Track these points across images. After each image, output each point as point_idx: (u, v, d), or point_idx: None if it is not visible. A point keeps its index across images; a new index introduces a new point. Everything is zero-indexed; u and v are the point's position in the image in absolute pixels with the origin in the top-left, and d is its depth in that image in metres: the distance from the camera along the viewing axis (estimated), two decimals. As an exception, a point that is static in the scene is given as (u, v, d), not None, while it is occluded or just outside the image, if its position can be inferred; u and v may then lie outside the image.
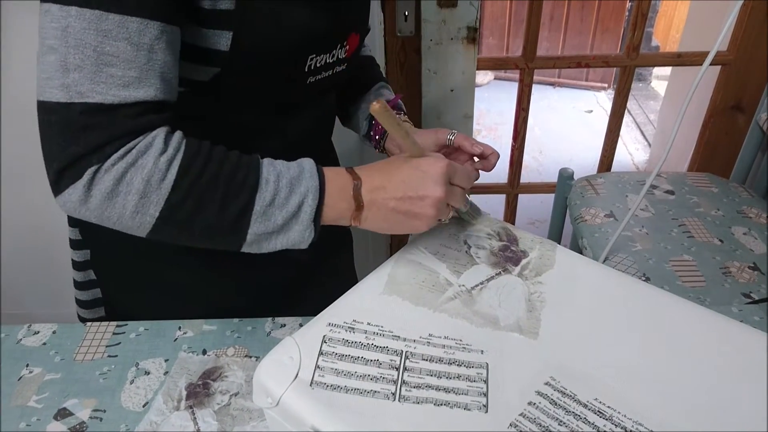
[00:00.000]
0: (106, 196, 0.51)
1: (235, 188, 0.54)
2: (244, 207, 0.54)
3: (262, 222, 0.55)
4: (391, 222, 0.59)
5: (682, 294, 1.04)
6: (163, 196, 0.52)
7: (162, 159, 0.52)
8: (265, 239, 0.57)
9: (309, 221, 0.56)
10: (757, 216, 1.33)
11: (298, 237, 0.57)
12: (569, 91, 3.78)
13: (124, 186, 0.51)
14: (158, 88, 0.53)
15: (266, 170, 0.56)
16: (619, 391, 0.50)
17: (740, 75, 1.50)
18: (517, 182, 1.77)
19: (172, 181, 0.52)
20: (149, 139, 0.52)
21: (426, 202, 0.58)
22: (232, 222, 0.55)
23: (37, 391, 0.68)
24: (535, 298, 0.59)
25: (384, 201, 0.58)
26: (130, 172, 0.51)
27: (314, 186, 0.57)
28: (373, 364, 0.52)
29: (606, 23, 3.58)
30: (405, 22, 1.37)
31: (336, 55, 0.69)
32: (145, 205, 0.52)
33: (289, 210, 0.56)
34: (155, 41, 0.51)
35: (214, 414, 0.65)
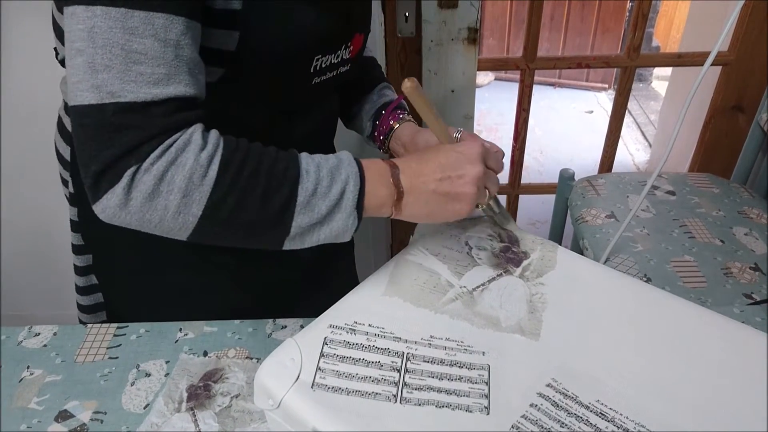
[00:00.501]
0: (147, 197, 0.50)
1: (276, 181, 0.54)
2: (288, 199, 0.54)
3: (306, 213, 0.54)
4: (432, 206, 0.59)
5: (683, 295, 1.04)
6: (206, 193, 0.51)
7: (203, 155, 0.51)
8: (309, 231, 0.56)
9: (352, 208, 0.56)
10: (758, 216, 1.33)
11: (342, 225, 0.56)
12: (570, 92, 3.77)
13: (165, 185, 0.50)
14: (188, 83, 0.52)
15: (305, 162, 0.56)
16: (621, 393, 0.50)
17: (741, 75, 1.50)
18: (517, 183, 1.77)
19: (214, 177, 0.51)
20: (187, 136, 0.52)
21: (465, 179, 0.58)
22: (275, 215, 0.54)
23: (37, 393, 0.68)
24: (536, 299, 0.59)
25: (424, 184, 0.58)
26: (171, 170, 0.50)
27: (354, 172, 0.56)
28: (374, 365, 0.52)
29: (606, 24, 3.58)
30: (405, 22, 1.37)
31: (341, 55, 0.69)
32: (188, 204, 0.51)
33: (332, 198, 0.55)
34: (181, 37, 0.51)
35: (215, 416, 0.64)
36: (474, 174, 0.58)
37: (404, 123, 0.81)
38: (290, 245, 0.57)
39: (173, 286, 0.79)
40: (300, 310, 0.77)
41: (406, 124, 0.81)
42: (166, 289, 0.79)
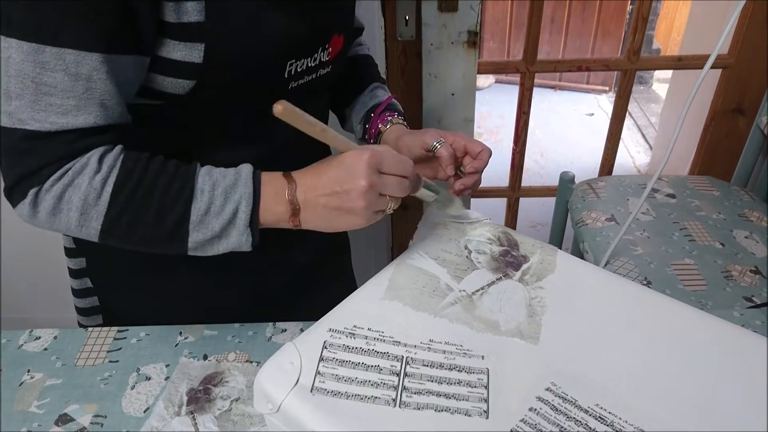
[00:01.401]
0: (50, 213, 0.56)
1: (170, 201, 0.57)
2: (181, 218, 0.57)
3: (200, 230, 0.58)
4: (327, 220, 0.60)
5: (683, 298, 1.04)
6: (101, 212, 0.56)
7: (97, 178, 0.56)
8: (208, 245, 0.59)
9: (245, 226, 0.59)
10: (758, 219, 1.33)
11: (237, 241, 0.59)
12: (570, 95, 3.78)
13: (64, 204, 0.56)
14: (97, 115, 0.55)
15: (201, 180, 0.58)
16: (620, 397, 0.50)
17: (741, 78, 1.50)
18: (518, 186, 1.77)
19: (107, 199, 0.56)
20: (84, 160, 0.56)
21: (352, 195, 0.57)
22: (170, 232, 0.58)
23: (38, 397, 0.68)
24: (535, 303, 0.59)
25: (316, 199, 0.59)
26: (68, 192, 0.55)
27: (248, 192, 0.59)
28: (373, 369, 0.52)
29: (607, 26, 3.59)
30: (406, 26, 1.37)
31: (318, 58, 0.68)
32: (87, 219, 0.56)
33: (224, 217, 0.58)
34: (94, 72, 0.53)
35: (215, 419, 0.64)
36: (359, 188, 0.57)
37: (391, 126, 0.80)
38: (193, 254, 0.60)
39: (166, 289, 0.79)
40: (299, 314, 0.77)
41: (393, 128, 0.80)
42: (161, 290, 0.79)
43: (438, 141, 0.72)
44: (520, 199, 1.83)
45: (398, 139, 0.77)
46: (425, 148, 0.73)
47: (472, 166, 0.73)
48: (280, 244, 0.73)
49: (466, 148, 0.74)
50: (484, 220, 0.70)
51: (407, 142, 0.75)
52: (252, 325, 0.77)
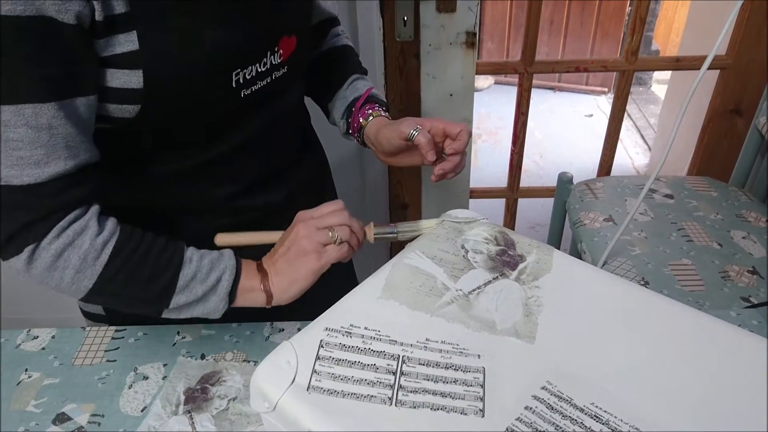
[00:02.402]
0: (45, 270, 0.58)
1: (161, 267, 0.62)
2: (170, 282, 0.62)
3: (184, 294, 0.63)
4: (288, 270, 0.66)
5: (680, 298, 1.04)
6: (97, 272, 0.60)
7: (98, 240, 0.60)
8: (185, 308, 0.64)
9: (225, 294, 0.64)
10: (756, 220, 1.33)
11: (214, 306, 0.65)
12: (569, 95, 3.78)
13: (62, 262, 0.58)
14: (66, 157, 0.57)
15: (190, 252, 0.65)
16: (616, 396, 0.50)
17: (739, 79, 1.51)
18: (516, 186, 1.78)
19: (105, 260, 0.60)
20: (84, 222, 0.59)
21: (298, 241, 0.66)
22: (157, 295, 0.62)
23: (35, 396, 0.68)
24: (532, 302, 0.59)
25: (276, 261, 0.67)
26: (68, 251, 0.58)
27: (232, 264, 0.65)
28: (370, 368, 0.52)
29: (606, 27, 3.59)
30: (404, 26, 1.37)
31: (268, 62, 0.68)
32: (81, 279, 0.59)
33: (208, 284, 0.64)
34: (53, 120, 0.55)
35: (213, 419, 0.65)
36: (298, 233, 0.66)
37: (372, 119, 0.80)
38: (166, 315, 0.65)
39: None
40: (297, 313, 0.78)
41: (374, 121, 0.80)
42: None
43: (415, 129, 0.73)
44: (519, 200, 1.83)
45: (378, 132, 0.78)
46: (403, 138, 0.73)
47: (451, 148, 0.74)
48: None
49: (445, 131, 0.74)
50: (480, 220, 0.70)
51: (386, 134, 0.76)
52: (249, 324, 0.77)
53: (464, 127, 0.74)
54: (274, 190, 0.79)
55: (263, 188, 0.78)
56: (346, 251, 0.67)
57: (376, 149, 0.80)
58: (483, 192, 1.80)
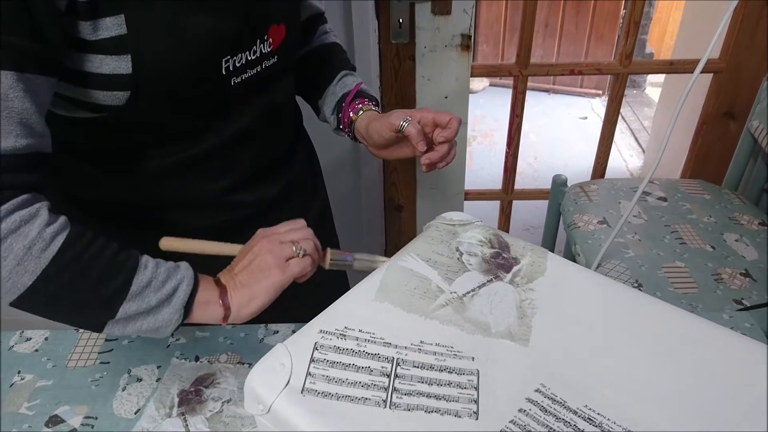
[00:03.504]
0: None
1: (115, 268, 0.57)
2: (122, 286, 0.57)
3: (135, 301, 0.57)
4: (249, 285, 0.62)
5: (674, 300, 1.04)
6: (41, 266, 0.53)
7: (48, 230, 0.54)
8: (133, 319, 0.58)
9: (181, 305, 0.59)
10: (748, 222, 1.34)
11: (166, 319, 0.59)
12: (564, 98, 3.79)
13: (3, 249, 0.52)
14: (18, 134, 0.53)
15: (146, 258, 0.60)
16: (609, 398, 0.50)
17: (732, 82, 1.52)
18: (511, 188, 1.78)
19: (53, 252, 0.54)
20: (34, 210, 0.54)
21: (259, 255, 0.63)
22: (106, 298, 0.56)
23: (28, 398, 0.68)
24: (526, 305, 0.60)
25: (235, 276, 0.63)
26: (11, 238, 0.52)
27: (190, 275, 0.61)
28: (364, 371, 0.52)
29: (600, 30, 3.60)
30: (399, 29, 1.37)
31: (258, 51, 0.68)
32: (20, 272, 0.53)
33: (163, 293, 0.59)
34: (9, 90, 0.51)
35: (206, 421, 0.64)
36: (259, 247, 0.63)
37: (362, 113, 0.81)
38: (109, 329, 0.58)
39: None
40: (291, 314, 0.78)
41: (364, 115, 0.80)
42: None
43: (405, 120, 0.73)
44: (514, 202, 1.84)
45: (368, 126, 0.78)
46: (393, 130, 0.74)
47: (442, 136, 0.74)
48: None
49: (435, 121, 0.74)
50: (475, 223, 0.71)
51: (376, 128, 0.76)
52: (243, 326, 0.77)
53: (453, 115, 0.74)
54: (267, 185, 0.80)
55: (257, 183, 0.78)
56: (309, 264, 0.65)
57: (368, 143, 0.80)
58: (477, 194, 1.81)
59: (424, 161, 0.75)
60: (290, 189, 0.83)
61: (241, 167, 0.75)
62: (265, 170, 0.79)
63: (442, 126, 0.74)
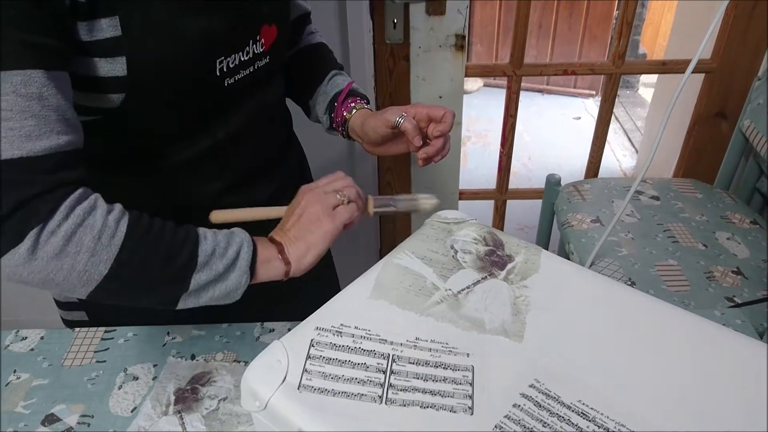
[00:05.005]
0: (54, 257, 0.52)
1: (179, 243, 0.59)
2: (189, 258, 0.59)
3: (205, 271, 0.59)
4: (304, 237, 0.65)
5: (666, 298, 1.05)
6: (113, 254, 0.55)
7: (110, 217, 0.55)
8: (204, 289, 0.60)
9: (246, 267, 0.62)
10: (740, 221, 1.35)
11: (235, 283, 0.61)
12: (558, 98, 3.80)
13: (73, 246, 0.53)
14: (60, 131, 0.53)
15: (202, 229, 0.62)
16: (603, 393, 0.51)
17: (723, 83, 1.53)
18: (505, 188, 1.79)
19: (122, 238, 0.55)
20: (92, 201, 0.55)
21: (307, 209, 0.66)
22: (177, 273, 0.58)
23: (24, 397, 0.68)
24: (520, 301, 0.60)
25: (288, 231, 0.66)
26: (80, 232, 0.53)
27: (247, 238, 0.63)
28: (360, 367, 0.52)
29: (593, 31, 3.62)
30: (394, 29, 1.38)
31: (251, 51, 0.69)
32: (95, 263, 0.54)
33: (228, 258, 0.61)
34: (43, 89, 0.52)
35: (203, 419, 0.65)
36: (308, 200, 0.67)
37: (356, 112, 0.81)
38: (184, 303, 0.61)
39: None
40: (279, 314, 0.78)
41: (357, 114, 0.81)
42: None
43: (400, 116, 0.74)
44: (508, 202, 1.84)
45: (363, 123, 0.79)
46: (389, 126, 0.75)
47: (437, 130, 0.75)
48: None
49: (429, 115, 0.75)
50: (469, 221, 0.71)
51: (371, 124, 0.77)
52: (240, 325, 0.77)
53: (447, 109, 0.75)
54: (260, 187, 0.80)
55: (249, 185, 0.78)
56: (355, 210, 0.68)
57: (363, 140, 0.81)
58: (472, 194, 1.81)
59: (421, 155, 0.75)
60: (283, 190, 0.84)
61: (233, 169, 0.76)
62: (258, 171, 0.79)
63: (436, 120, 0.75)
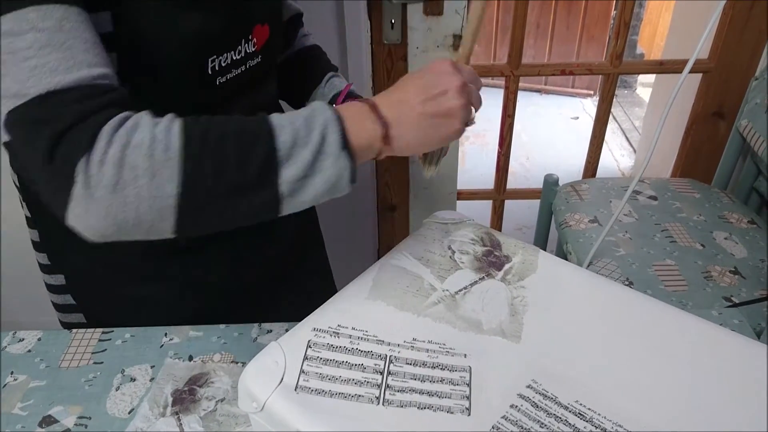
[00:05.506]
0: (111, 190, 0.46)
1: (250, 138, 0.51)
2: (267, 154, 0.50)
3: (290, 165, 0.51)
4: (424, 129, 0.57)
5: (664, 298, 1.05)
6: (175, 167, 0.47)
7: (158, 129, 0.49)
8: (301, 186, 0.52)
9: (339, 149, 0.52)
10: (737, 221, 1.35)
11: (334, 171, 0.52)
12: (555, 98, 3.81)
13: (128, 172, 0.46)
14: (90, 63, 0.49)
15: (276, 118, 0.53)
16: (600, 394, 0.51)
17: (721, 82, 1.53)
18: (503, 188, 1.79)
19: (178, 147, 0.48)
20: (135, 119, 0.49)
21: (449, 93, 0.57)
22: (258, 173, 0.50)
23: (22, 399, 0.68)
24: (517, 302, 0.60)
25: (409, 110, 0.56)
26: (129, 154, 0.47)
27: (331, 116, 0.54)
28: (357, 368, 0.52)
29: (591, 31, 3.62)
30: (392, 29, 1.38)
31: (243, 50, 0.68)
32: (161, 184, 0.47)
33: (313, 144, 0.52)
34: (62, 21, 0.48)
35: (200, 420, 0.65)
36: (456, 85, 0.56)
37: None
38: (289, 206, 0.53)
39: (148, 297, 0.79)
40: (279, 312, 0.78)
41: None
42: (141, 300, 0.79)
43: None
44: (506, 202, 1.84)
45: None
46: None
47: None
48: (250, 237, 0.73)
49: None
50: (467, 221, 0.71)
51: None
52: (237, 326, 0.77)
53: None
54: None
55: None
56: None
57: None
58: (470, 194, 1.81)
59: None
60: None
61: None
62: None
63: None
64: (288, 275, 0.87)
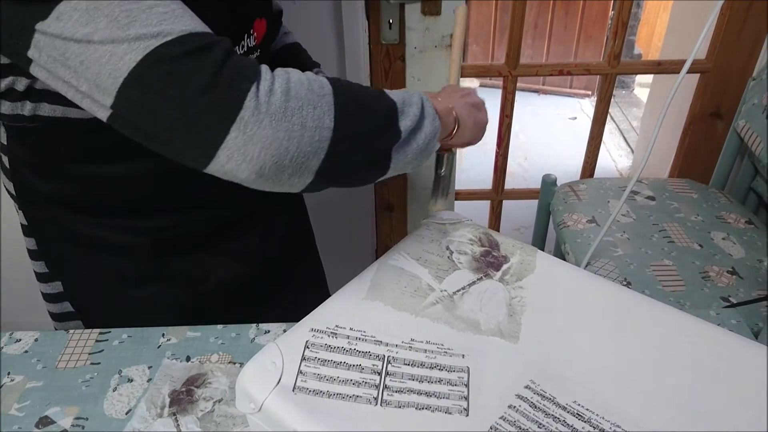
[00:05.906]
0: (280, 117, 0.48)
1: (372, 91, 0.58)
2: (390, 105, 0.57)
3: (406, 116, 0.58)
4: (473, 115, 0.69)
5: (662, 298, 1.05)
6: (330, 102, 0.51)
7: (308, 73, 0.53)
8: (407, 140, 0.58)
9: (434, 113, 0.61)
10: (735, 221, 1.35)
11: (431, 130, 0.60)
12: (553, 98, 3.81)
13: (294, 101, 0.49)
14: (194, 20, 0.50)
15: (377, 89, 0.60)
16: (598, 394, 0.51)
17: (718, 83, 1.53)
18: (501, 188, 1.79)
19: (329, 86, 0.53)
20: (281, 70, 0.52)
21: (471, 93, 0.74)
22: (387, 120, 0.56)
23: (18, 399, 0.68)
24: (515, 302, 0.60)
25: (457, 100, 0.68)
26: (292, 87, 0.50)
27: (418, 92, 0.62)
28: (355, 369, 0.52)
29: (589, 31, 3.63)
30: (389, 29, 1.38)
31: (245, 45, 0.68)
32: (320, 116, 0.50)
33: (417, 105, 0.59)
34: None
35: (198, 421, 0.64)
36: (473, 89, 0.72)
37: None
38: (395, 158, 0.57)
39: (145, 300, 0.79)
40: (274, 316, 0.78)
41: None
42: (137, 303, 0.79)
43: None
44: (504, 202, 1.84)
45: None
46: None
47: None
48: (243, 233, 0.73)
49: None
50: (465, 221, 0.71)
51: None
52: (235, 326, 0.77)
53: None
54: None
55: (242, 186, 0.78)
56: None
57: None
58: (468, 194, 1.81)
59: None
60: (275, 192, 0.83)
61: None
62: None
63: None
64: (284, 270, 0.87)
